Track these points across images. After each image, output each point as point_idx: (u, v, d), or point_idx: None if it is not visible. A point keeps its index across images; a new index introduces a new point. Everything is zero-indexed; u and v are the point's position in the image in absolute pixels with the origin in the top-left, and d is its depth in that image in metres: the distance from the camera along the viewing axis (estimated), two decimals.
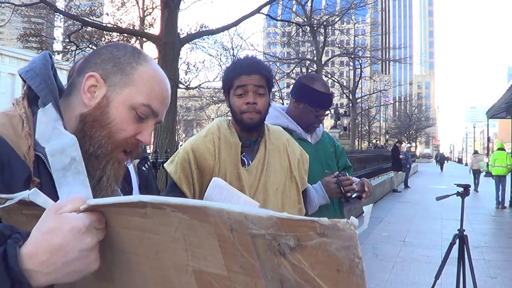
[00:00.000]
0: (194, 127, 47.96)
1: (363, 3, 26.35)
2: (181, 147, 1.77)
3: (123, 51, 0.93)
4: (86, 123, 0.88)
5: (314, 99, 2.09)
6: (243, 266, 0.62)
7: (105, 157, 0.88)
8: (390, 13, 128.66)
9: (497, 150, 13.16)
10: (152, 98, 0.91)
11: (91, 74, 0.89)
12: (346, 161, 2.30)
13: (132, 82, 0.90)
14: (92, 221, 0.66)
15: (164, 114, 0.96)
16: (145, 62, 0.93)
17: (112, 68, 0.90)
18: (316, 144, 2.19)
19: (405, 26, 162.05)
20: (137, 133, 0.91)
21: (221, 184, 1.64)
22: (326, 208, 2.05)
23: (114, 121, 0.88)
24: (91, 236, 0.66)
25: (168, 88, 0.96)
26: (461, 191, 4.04)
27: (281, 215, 0.57)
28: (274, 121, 2.05)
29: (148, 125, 0.92)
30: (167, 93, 0.95)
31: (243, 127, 1.71)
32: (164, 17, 11.03)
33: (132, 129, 0.90)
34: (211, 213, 0.60)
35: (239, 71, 1.68)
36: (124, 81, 0.90)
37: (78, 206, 0.67)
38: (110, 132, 0.88)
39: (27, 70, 0.90)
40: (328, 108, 2.16)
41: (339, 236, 0.55)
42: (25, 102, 0.88)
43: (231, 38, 25.81)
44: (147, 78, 0.91)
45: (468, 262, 3.95)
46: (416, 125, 64.46)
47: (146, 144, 0.93)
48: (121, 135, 0.89)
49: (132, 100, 0.89)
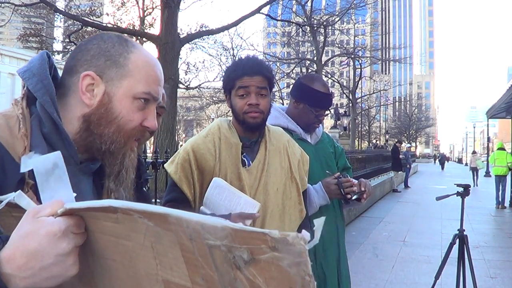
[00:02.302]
0: (194, 127, 47.96)
1: (363, 3, 26.36)
2: (182, 147, 1.77)
3: (111, 43, 0.92)
4: (91, 122, 0.88)
5: (314, 99, 2.09)
6: (204, 278, 0.60)
7: (121, 151, 0.90)
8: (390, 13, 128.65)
9: (497, 150, 13.16)
10: (150, 83, 0.92)
11: (86, 73, 0.88)
12: (346, 162, 2.29)
13: (129, 72, 0.90)
14: (69, 225, 0.65)
15: (160, 95, 0.99)
16: (135, 49, 0.94)
17: (105, 63, 0.90)
18: (316, 144, 2.18)
19: (405, 26, 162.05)
20: (142, 120, 0.92)
21: (221, 184, 1.64)
22: (326, 209, 2.05)
23: (120, 114, 0.89)
24: (67, 241, 0.65)
25: (161, 70, 0.97)
26: (461, 191, 4.04)
27: (235, 225, 0.55)
28: (274, 121, 2.05)
29: (150, 110, 0.94)
30: (161, 75, 0.97)
31: (245, 127, 1.70)
32: (164, 17, 11.04)
33: (138, 117, 0.91)
34: (172, 221, 0.58)
35: (242, 72, 1.67)
36: (120, 73, 0.90)
37: (57, 210, 0.66)
38: (119, 126, 0.89)
39: (24, 70, 0.90)
40: (328, 108, 2.16)
41: (289, 250, 0.53)
42: (24, 102, 0.87)
43: (231, 38, 25.85)
44: (141, 65, 0.92)
45: (468, 262, 3.95)
46: (416, 125, 64.47)
47: (152, 129, 0.94)
48: (130, 126, 0.90)
49: (133, 91, 0.90)
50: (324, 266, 2.02)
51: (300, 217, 1.76)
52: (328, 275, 2.03)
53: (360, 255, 6.35)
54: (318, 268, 2.01)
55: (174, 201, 1.71)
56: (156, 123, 0.96)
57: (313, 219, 1.84)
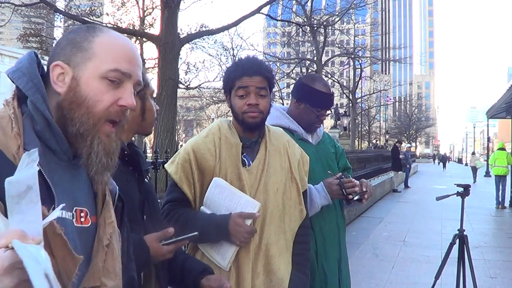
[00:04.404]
0: (194, 127, 47.96)
1: (363, 3, 26.35)
2: (182, 148, 1.77)
3: (78, 32, 0.94)
4: (64, 108, 0.89)
5: (315, 99, 2.09)
6: None
7: (90, 133, 0.89)
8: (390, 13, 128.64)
9: (497, 150, 13.16)
10: (117, 61, 0.91)
11: (55, 63, 0.90)
12: (346, 162, 2.29)
13: (93, 54, 0.90)
14: (15, 261, 0.62)
15: (140, 75, 0.96)
16: (102, 33, 0.93)
17: (71, 50, 0.91)
18: (317, 145, 2.18)
19: (405, 26, 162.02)
20: (117, 100, 0.91)
21: (222, 184, 1.64)
22: (328, 209, 2.05)
23: (88, 96, 0.88)
24: (11, 277, 0.62)
25: (133, 49, 0.96)
26: (461, 191, 4.03)
27: None
28: (275, 122, 2.04)
29: (125, 88, 0.92)
30: (133, 53, 0.95)
31: (245, 127, 1.71)
32: (164, 17, 11.03)
33: (109, 97, 0.90)
34: None
35: (241, 72, 1.68)
36: (85, 56, 0.90)
37: (11, 241, 0.63)
38: (87, 108, 0.88)
39: (14, 71, 0.91)
40: (329, 108, 2.16)
41: None
42: (15, 102, 0.88)
43: (231, 38, 25.86)
44: (107, 45, 0.92)
45: (468, 262, 3.95)
46: (416, 125, 64.43)
47: (129, 107, 0.92)
48: (100, 107, 0.89)
49: (99, 70, 0.90)
50: (326, 266, 2.02)
51: (300, 217, 1.76)
52: (329, 275, 2.03)
53: (360, 255, 6.35)
54: (320, 269, 2.01)
55: (175, 201, 1.71)
56: (133, 101, 0.93)
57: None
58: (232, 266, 1.64)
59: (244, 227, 1.57)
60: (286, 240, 1.73)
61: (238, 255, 1.63)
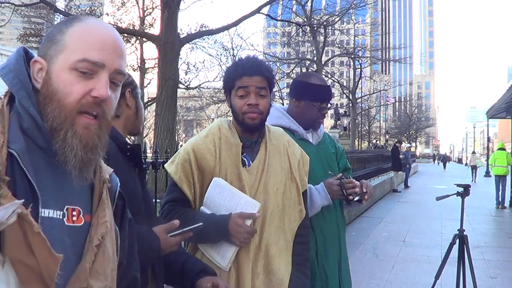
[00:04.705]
0: (194, 127, 47.94)
1: (363, 3, 26.35)
2: (182, 148, 1.77)
3: (56, 25, 0.92)
4: (40, 103, 0.87)
5: (314, 93, 2.09)
6: None
7: (63, 126, 0.86)
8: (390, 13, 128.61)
9: (497, 150, 13.16)
10: (87, 50, 0.87)
11: (34, 60, 0.89)
12: (346, 163, 2.29)
13: (64, 46, 0.88)
14: None
15: (119, 62, 0.92)
16: (77, 23, 0.90)
17: (47, 45, 0.89)
18: (318, 145, 2.18)
19: (405, 26, 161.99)
20: (89, 91, 0.87)
21: (222, 184, 1.64)
22: (328, 209, 2.05)
23: (58, 89, 0.86)
24: None
25: (110, 36, 0.91)
26: (461, 191, 4.03)
27: None
28: (276, 122, 2.04)
29: (99, 79, 0.88)
30: (108, 41, 0.90)
31: (244, 128, 1.71)
32: (164, 17, 11.04)
33: (79, 89, 0.86)
34: None
35: (241, 72, 1.67)
36: (57, 49, 0.88)
37: None
38: (58, 101, 0.86)
39: (2, 68, 0.91)
40: (329, 100, 2.16)
41: None
42: (6, 99, 0.88)
43: (231, 38, 25.91)
44: (78, 34, 0.88)
45: (468, 262, 3.95)
46: (416, 125, 64.40)
47: (102, 98, 0.87)
48: (70, 99, 0.86)
49: (68, 62, 0.87)
50: (326, 266, 2.02)
51: (299, 217, 1.76)
52: (330, 275, 2.03)
53: (360, 255, 6.35)
54: (320, 269, 2.01)
55: (175, 201, 1.71)
56: (107, 92, 0.88)
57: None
58: (232, 267, 1.63)
59: (244, 228, 1.57)
60: (286, 240, 1.73)
61: (238, 255, 1.63)
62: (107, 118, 0.91)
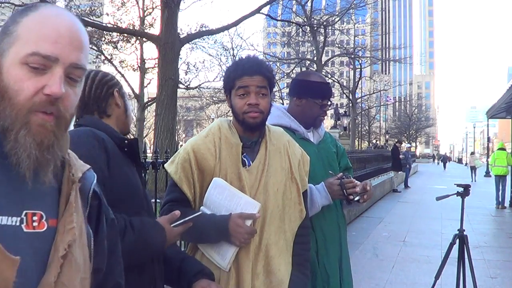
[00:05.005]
0: (194, 127, 47.96)
1: (363, 3, 26.36)
2: (182, 148, 1.77)
3: (12, 15, 0.84)
4: None
5: (315, 90, 2.11)
6: None
7: (14, 126, 0.78)
8: (390, 13, 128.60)
9: (497, 150, 13.15)
10: (40, 43, 0.79)
11: None
12: (347, 162, 2.29)
13: (17, 37, 0.80)
14: None
15: (76, 55, 0.83)
16: (32, 12, 0.82)
17: (1, 37, 0.82)
18: (319, 144, 2.18)
19: (405, 26, 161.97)
20: (42, 88, 0.79)
21: (221, 184, 1.64)
22: (328, 209, 2.05)
23: (8, 85, 0.79)
24: None
25: (68, 24, 0.83)
26: (461, 191, 4.03)
27: None
28: (277, 121, 2.05)
29: (52, 74, 0.79)
30: (64, 30, 0.82)
31: (245, 127, 1.70)
32: (164, 17, 11.04)
33: (30, 86, 0.78)
34: None
35: (241, 72, 1.67)
36: (9, 41, 0.80)
37: None
38: (9, 99, 0.78)
39: None
40: (329, 97, 2.17)
41: None
42: None
43: (231, 38, 25.91)
44: (32, 25, 0.80)
45: (468, 262, 3.95)
46: (416, 125, 64.40)
47: (54, 95, 0.79)
48: (21, 97, 0.78)
49: (18, 56, 0.79)
50: (327, 266, 2.03)
51: (300, 217, 1.76)
52: (331, 275, 2.03)
53: (360, 255, 6.35)
54: (321, 269, 2.01)
55: (175, 201, 1.70)
56: (60, 89, 0.79)
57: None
58: (232, 267, 1.63)
59: (244, 228, 1.57)
60: (286, 240, 1.72)
61: (238, 256, 1.62)
62: (66, 116, 0.83)
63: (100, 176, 1.30)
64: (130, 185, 1.45)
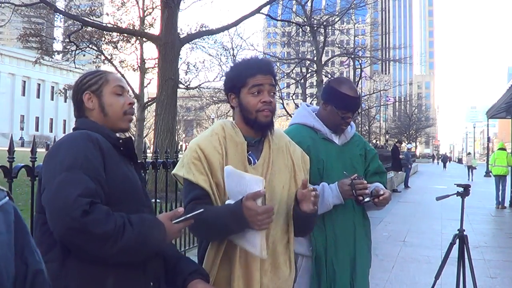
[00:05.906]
0: (194, 127, 47.99)
1: (363, 3, 26.34)
2: (187, 149, 1.73)
3: None
4: None
5: (340, 101, 2.14)
6: None
7: None
8: (390, 13, 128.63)
9: (497, 149, 13.16)
10: None
11: None
12: (379, 166, 2.31)
13: None
14: None
15: None
16: None
17: None
18: (343, 145, 2.23)
19: (405, 26, 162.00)
20: None
21: (230, 171, 1.58)
22: (343, 207, 2.09)
23: None
24: None
25: None
26: (461, 191, 4.03)
27: None
28: (301, 120, 2.18)
29: None
30: None
31: (257, 126, 1.70)
32: (164, 17, 11.03)
33: None
34: None
35: (256, 70, 1.69)
36: None
37: None
38: None
39: None
40: (354, 111, 2.20)
41: None
42: None
43: (231, 38, 25.87)
44: None
45: (468, 262, 3.95)
46: (416, 125, 64.42)
47: None
48: None
49: None
50: (335, 262, 2.06)
51: None
52: (339, 272, 2.06)
53: None
54: (328, 265, 2.05)
55: (197, 199, 1.63)
56: None
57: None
58: (239, 264, 1.62)
59: (255, 209, 1.46)
60: (290, 237, 1.76)
61: (247, 254, 1.61)
62: None
63: (97, 176, 1.36)
64: (129, 182, 1.46)
